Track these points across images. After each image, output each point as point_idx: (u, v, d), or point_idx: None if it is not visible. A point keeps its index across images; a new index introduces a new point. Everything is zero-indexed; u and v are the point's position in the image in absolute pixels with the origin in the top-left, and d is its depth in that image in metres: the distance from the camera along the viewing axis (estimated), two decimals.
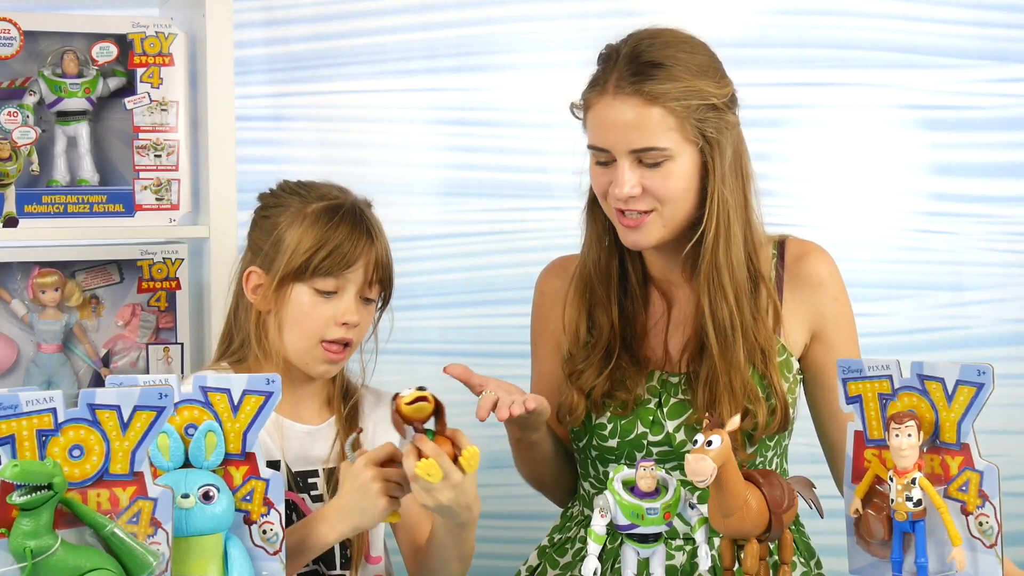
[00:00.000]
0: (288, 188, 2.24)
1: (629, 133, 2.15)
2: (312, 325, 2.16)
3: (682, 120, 2.15)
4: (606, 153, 2.17)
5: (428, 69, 2.97)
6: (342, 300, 2.16)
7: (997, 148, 3.10)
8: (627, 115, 2.14)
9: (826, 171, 3.07)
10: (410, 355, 2.87)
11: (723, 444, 1.84)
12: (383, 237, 2.20)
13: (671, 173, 2.16)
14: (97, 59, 2.59)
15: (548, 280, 2.40)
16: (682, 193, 2.18)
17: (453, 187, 2.98)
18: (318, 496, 2.19)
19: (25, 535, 1.64)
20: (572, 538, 2.33)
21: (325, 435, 2.23)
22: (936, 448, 1.86)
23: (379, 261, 2.18)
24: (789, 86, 3.05)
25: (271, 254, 2.18)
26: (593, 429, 2.27)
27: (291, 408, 2.21)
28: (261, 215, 2.24)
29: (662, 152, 2.15)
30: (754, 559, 1.92)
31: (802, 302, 2.28)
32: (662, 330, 2.29)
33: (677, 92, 2.14)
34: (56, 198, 2.56)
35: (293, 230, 2.16)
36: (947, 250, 3.09)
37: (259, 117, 2.88)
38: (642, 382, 2.26)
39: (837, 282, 2.30)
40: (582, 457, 2.32)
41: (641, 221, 2.19)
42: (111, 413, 1.71)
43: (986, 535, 1.82)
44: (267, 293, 2.17)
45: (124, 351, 2.60)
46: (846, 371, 1.93)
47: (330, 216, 2.16)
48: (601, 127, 2.18)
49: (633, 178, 2.16)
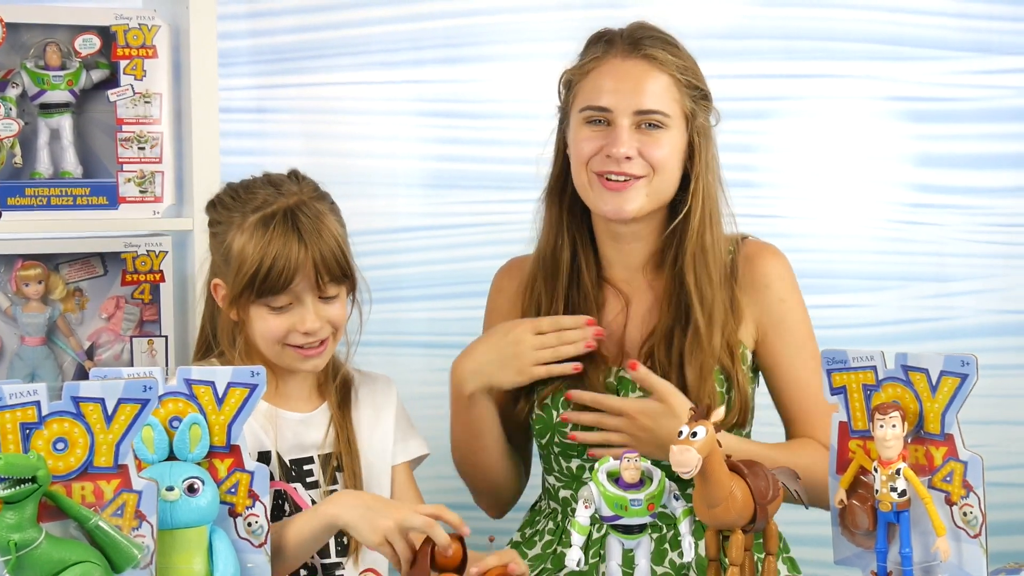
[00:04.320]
0: (227, 199, 2.21)
1: (638, 94, 2.20)
2: (275, 336, 2.15)
3: (682, 94, 2.22)
4: (606, 113, 2.20)
5: (413, 61, 2.96)
6: (298, 310, 2.14)
7: (981, 139, 3.11)
8: (637, 76, 2.21)
9: (810, 162, 3.08)
10: (396, 347, 2.86)
11: (708, 435, 1.84)
12: (325, 232, 2.14)
13: (665, 142, 2.21)
14: (80, 51, 2.58)
15: (504, 280, 2.42)
16: (672, 166, 2.22)
17: (439, 179, 2.98)
18: (314, 483, 2.19)
19: (9, 528, 1.63)
20: (541, 531, 2.34)
21: (319, 421, 2.22)
22: (920, 439, 1.86)
23: (321, 262, 2.12)
24: (774, 78, 3.05)
25: (225, 269, 2.18)
26: (554, 427, 2.27)
27: (282, 398, 2.21)
28: (211, 230, 2.23)
29: (665, 117, 2.21)
30: (739, 549, 1.92)
31: (750, 301, 2.29)
32: (619, 327, 2.30)
33: (681, 66, 2.23)
34: (39, 190, 2.55)
35: (235, 247, 2.14)
36: (931, 241, 3.10)
37: (243, 109, 2.87)
38: (600, 378, 2.26)
39: (785, 284, 2.31)
40: (545, 453, 2.32)
41: (627, 185, 2.20)
42: (95, 406, 1.70)
43: (970, 525, 1.82)
44: (231, 306, 2.17)
45: (108, 344, 2.60)
46: (830, 362, 1.93)
47: (263, 229, 2.12)
48: (606, 86, 2.22)
49: (631, 139, 2.19)
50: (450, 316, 2.96)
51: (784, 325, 2.29)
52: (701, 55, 2.31)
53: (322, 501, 2.06)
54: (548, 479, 2.35)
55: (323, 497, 2.16)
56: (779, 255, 2.33)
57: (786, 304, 2.30)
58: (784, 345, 2.29)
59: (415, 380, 2.42)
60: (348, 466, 2.20)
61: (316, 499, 2.17)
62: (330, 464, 2.20)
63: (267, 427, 2.17)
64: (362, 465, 2.21)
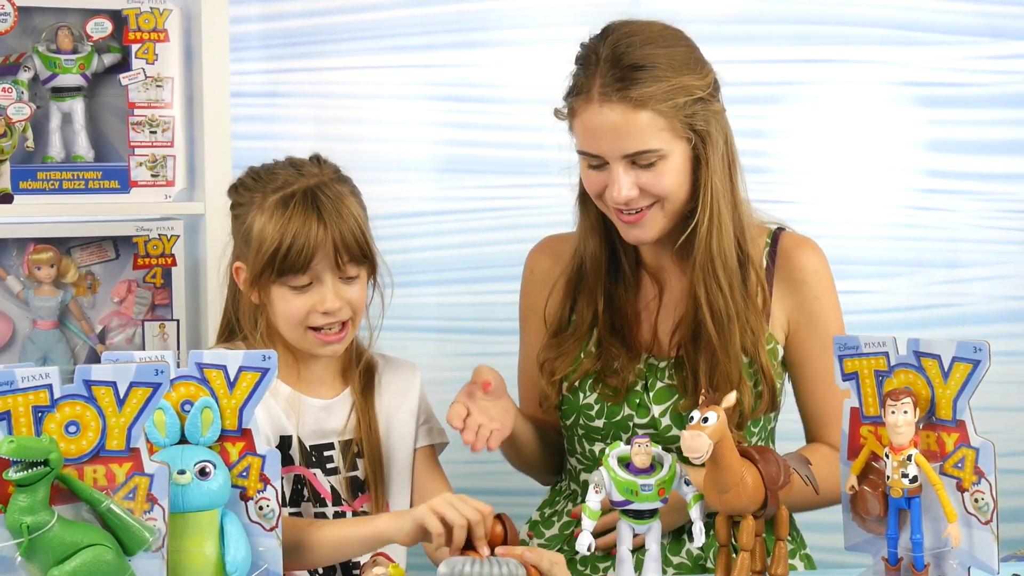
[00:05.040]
0: (248, 181, 2.22)
1: (620, 139, 2.14)
2: (296, 318, 2.16)
3: (671, 119, 2.14)
4: (598, 158, 2.17)
5: (425, 45, 2.96)
6: (319, 290, 2.15)
7: (993, 125, 3.10)
8: (616, 122, 2.14)
9: (822, 148, 3.07)
10: (407, 332, 2.86)
11: (719, 420, 1.84)
12: (345, 212, 2.16)
13: (665, 171, 2.16)
14: (92, 35, 2.58)
15: (538, 259, 2.40)
16: (678, 187, 2.18)
17: (449, 163, 2.97)
18: (333, 469, 2.20)
19: (21, 511, 1.64)
20: (560, 511, 2.34)
21: (340, 408, 2.23)
22: (932, 425, 1.86)
23: (341, 242, 2.14)
24: (785, 63, 3.04)
25: (245, 250, 2.18)
26: (580, 409, 2.27)
27: (305, 383, 2.21)
28: (233, 212, 2.24)
29: (655, 153, 2.15)
30: (750, 535, 1.93)
31: (785, 295, 2.28)
32: (652, 313, 2.30)
33: (663, 93, 2.13)
34: (51, 174, 2.55)
35: (255, 227, 2.15)
36: (943, 227, 3.09)
37: (254, 93, 2.86)
38: (633, 368, 2.25)
39: (821, 279, 2.28)
40: (569, 434, 2.32)
41: (642, 216, 2.19)
42: (107, 389, 1.71)
43: (981, 512, 1.82)
44: (252, 288, 2.17)
45: (120, 327, 2.60)
46: (842, 348, 1.93)
47: (283, 208, 2.14)
48: (590, 135, 2.17)
49: (629, 180, 2.15)
50: (461, 301, 2.96)
51: (816, 323, 2.26)
52: (712, 40, 2.28)
53: (375, 516, 2.08)
54: (570, 460, 2.35)
55: (343, 483, 2.19)
56: (817, 250, 2.30)
57: (820, 302, 2.27)
58: (813, 344, 2.26)
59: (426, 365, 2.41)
60: (368, 452, 2.20)
61: (335, 485, 2.19)
62: (350, 450, 2.20)
63: (289, 412, 2.18)
64: (383, 451, 2.22)
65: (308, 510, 2.17)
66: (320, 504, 2.18)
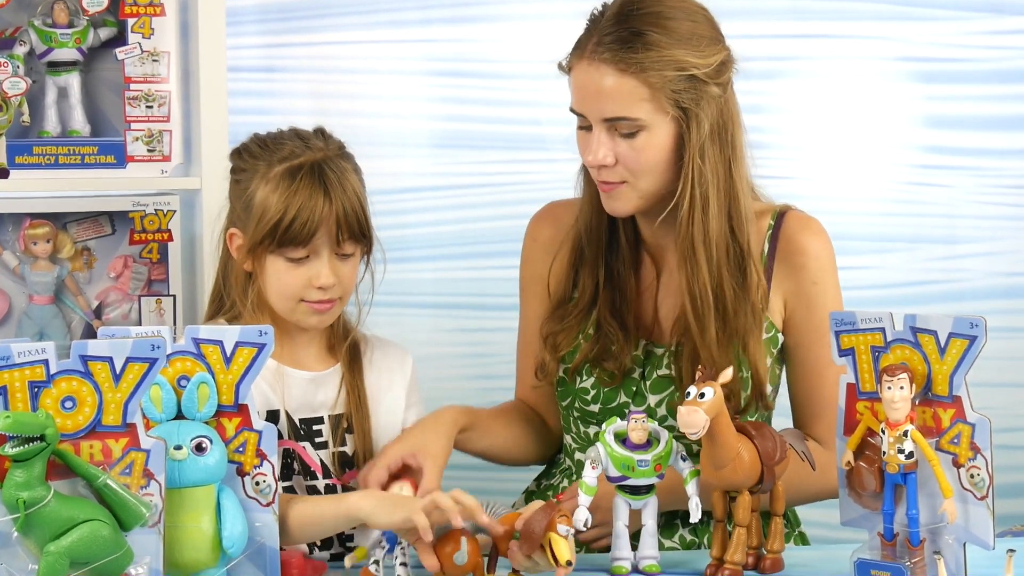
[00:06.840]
0: (254, 148, 2.20)
1: (602, 101, 2.11)
2: (290, 290, 2.15)
3: (656, 91, 2.09)
4: (583, 118, 2.16)
5: (421, 20, 2.95)
6: (315, 264, 2.14)
7: (992, 101, 3.09)
8: (600, 82, 2.11)
9: (820, 123, 3.06)
10: (403, 307, 2.86)
11: (715, 396, 1.85)
12: (349, 189, 2.15)
13: (645, 145, 2.12)
14: (88, 9, 2.57)
15: (540, 226, 2.37)
16: (655, 165, 2.13)
17: (446, 139, 2.97)
18: (323, 443, 2.19)
19: (18, 486, 1.64)
20: (555, 485, 2.34)
21: (330, 381, 2.22)
22: (928, 401, 1.86)
23: (343, 219, 2.13)
24: (784, 38, 3.03)
25: (244, 217, 2.17)
26: (577, 393, 2.26)
27: (291, 356, 2.21)
28: (233, 177, 2.23)
29: (634, 122, 2.11)
30: (746, 511, 1.93)
31: (784, 278, 2.23)
32: (652, 296, 2.27)
33: (651, 62, 2.09)
34: (47, 149, 2.55)
35: (258, 195, 2.14)
36: (940, 203, 3.09)
37: (251, 68, 2.86)
38: (629, 351, 2.23)
39: (821, 265, 2.22)
40: (565, 413, 2.32)
41: (612, 189, 2.16)
42: (103, 365, 1.71)
43: (977, 487, 1.82)
44: (247, 255, 2.16)
45: (116, 303, 2.60)
46: (839, 323, 1.93)
47: (289, 180, 2.13)
48: (577, 92, 2.15)
49: (605, 146, 2.12)
50: (457, 276, 2.96)
51: (812, 309, 2.21)
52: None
53: (347, 493, 2.07)
54: (566, 437, 2.34)
55: (332, 458, 2.18)
56: (820, 233, 2.24)
57: (817, 288, 2.22)
58: (809, 329, 2.22)
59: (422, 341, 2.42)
60: (358, 427, 2.20)
61: (325, 459, 2.18)
62: (340, 425, 2.20)
63: (275, 385, 2.18)
64: (372, 427, 2.22)
65: (300, 483, 2.17)
66: (311, 478, 2.17)
